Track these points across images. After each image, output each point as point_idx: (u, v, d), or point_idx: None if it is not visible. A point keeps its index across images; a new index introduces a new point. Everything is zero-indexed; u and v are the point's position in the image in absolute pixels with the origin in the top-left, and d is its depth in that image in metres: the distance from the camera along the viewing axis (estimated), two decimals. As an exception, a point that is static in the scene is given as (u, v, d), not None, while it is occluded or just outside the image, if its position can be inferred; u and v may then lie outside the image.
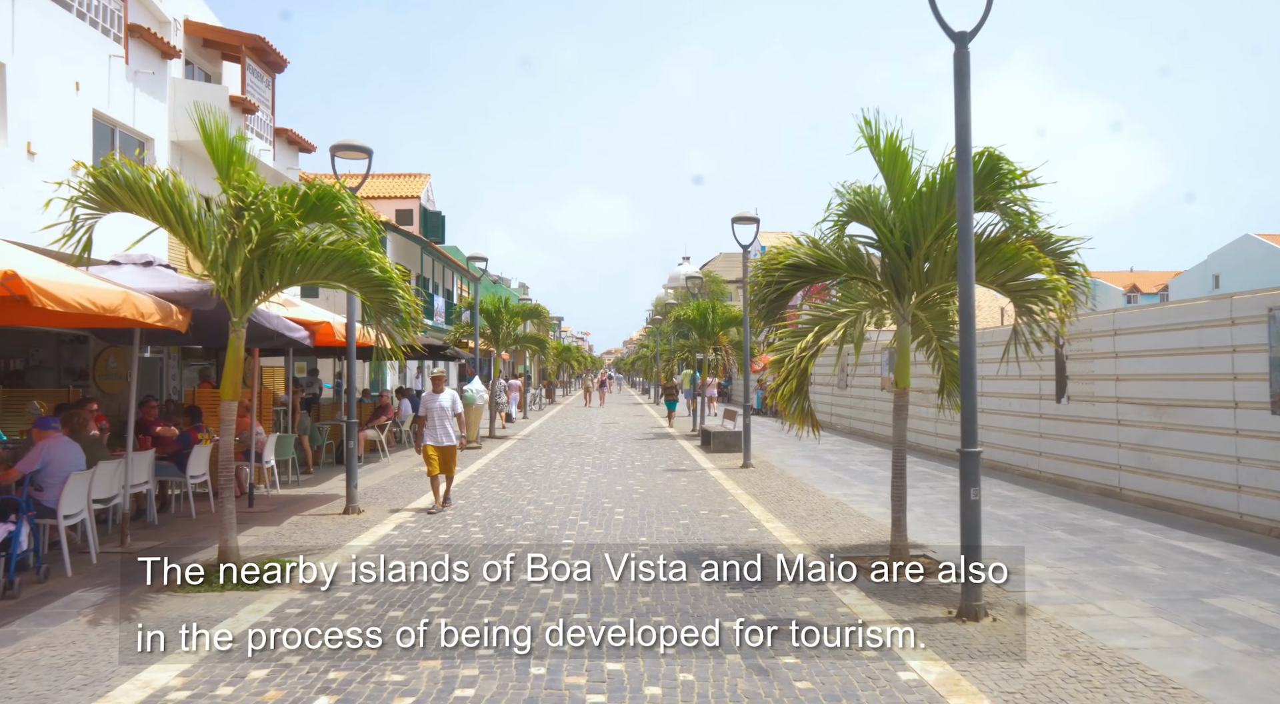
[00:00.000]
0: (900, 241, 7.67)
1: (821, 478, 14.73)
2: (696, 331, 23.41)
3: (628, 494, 12.71)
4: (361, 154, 11.49)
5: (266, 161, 22.14)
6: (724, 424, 21.24)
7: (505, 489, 13.32)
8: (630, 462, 17.22)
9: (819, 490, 13.15)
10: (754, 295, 8.50)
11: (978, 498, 6.13)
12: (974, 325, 6.29)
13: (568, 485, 13.67)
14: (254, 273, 7.40)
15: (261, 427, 12.88)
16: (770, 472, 15.57)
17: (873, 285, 8.07)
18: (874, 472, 15.58)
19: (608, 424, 29.13)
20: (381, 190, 39.44)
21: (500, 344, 24.03)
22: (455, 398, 11.34)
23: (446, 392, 11.23)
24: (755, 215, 16.29)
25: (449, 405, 11.15)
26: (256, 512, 11.23)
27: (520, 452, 19.59)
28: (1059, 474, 13.50)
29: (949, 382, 8.90)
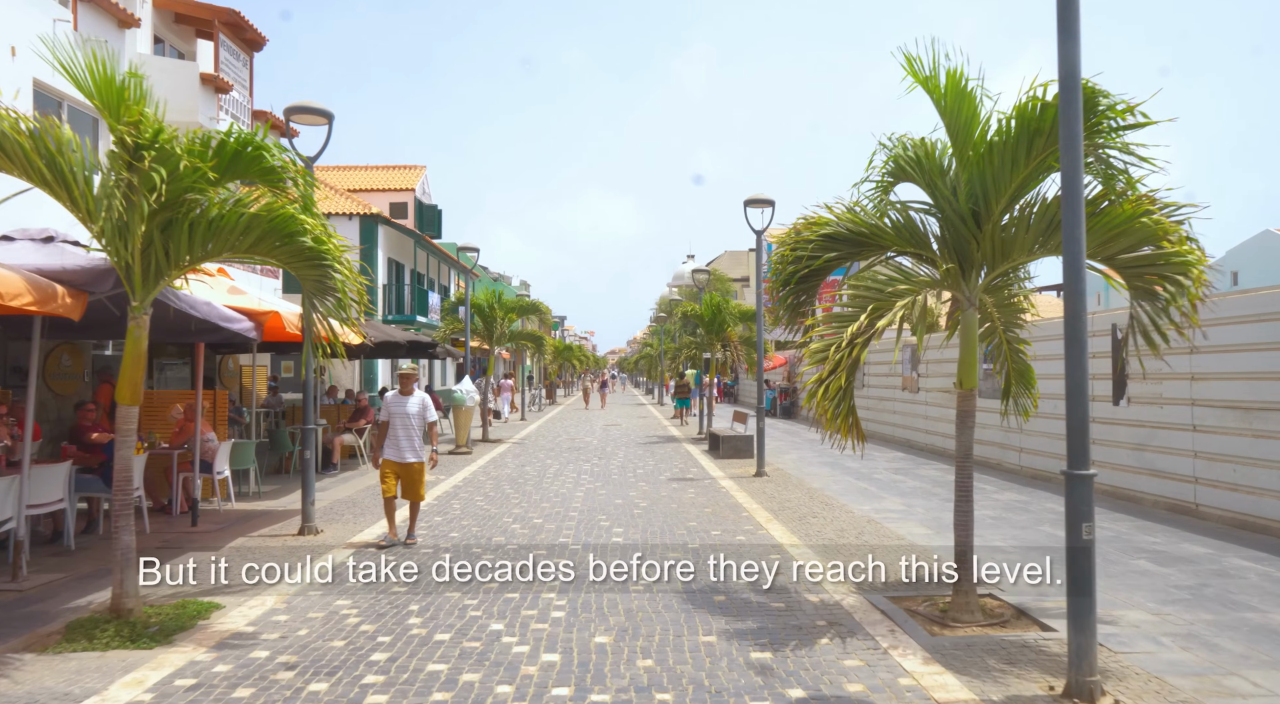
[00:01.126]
0: (965, 206, 6.11)
1: (845, 489, 13.17)
2: (705, 328, 21.86)
3: (628, 509, 11.17)
4: (321, 118, 9.99)
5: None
6: (733, 427, 19.69)
7: (490, 503, 11.79)
8: (632, 469, 15.68)
9: (845, 505, 11.59)
10: (777, 277, 6.93)
11: (1091, 537, 4.57)
12: (1084, 310, 4.73)
13: (561, 498, 12.13)
14: (157, 246, 5.87)
15: (214, 433, 11.36)
16: (787, 481, 14.01)
17: (928, 261, 6.52)
18: (902, 482, 14.02)
19: (609, 426, 27.58)
20: (375, 183, 37.96)
21: (495, 342, 22.51)
22: (428, 404, 9.17)
23: (417, 395, 9.11)
24: (769, 198, 14.74)
25: (418, 412, 8.99)
26: (198, 532, 9.71)
27: (513, 457, 18.06)
28: (1116, 486, 11.93)
29: (1015, 383, 7.32)
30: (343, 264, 5.99)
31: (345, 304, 6.18)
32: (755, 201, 14.72)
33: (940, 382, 18.38)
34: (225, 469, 11.38)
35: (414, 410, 9.03)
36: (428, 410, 9.17)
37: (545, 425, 28.45)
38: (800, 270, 6.58)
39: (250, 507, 11.67)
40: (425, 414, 9.11)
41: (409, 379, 9.29)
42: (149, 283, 5.96)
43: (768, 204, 14.74)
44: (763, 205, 14.78)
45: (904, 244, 6.41)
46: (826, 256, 6.49)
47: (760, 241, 15.04)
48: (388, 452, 9.01)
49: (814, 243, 6.47)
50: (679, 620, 6.19)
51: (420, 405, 9.09)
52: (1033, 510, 11.13)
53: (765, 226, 14.90)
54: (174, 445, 10.83)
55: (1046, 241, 5.84)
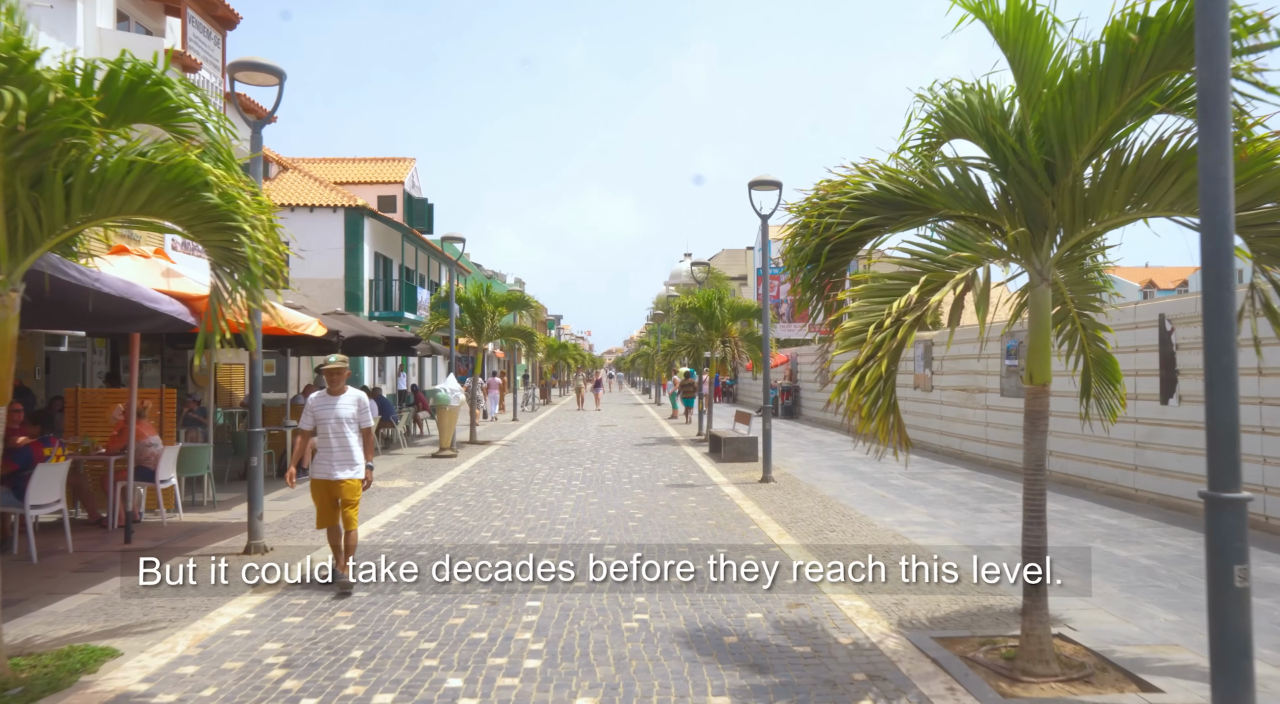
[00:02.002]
0: (1036, 157, 4.91)
1: (862, 497, 11.97)
2: (704, 324, 20.65)
3: (622, 521, 9.96)
4: (271, 77, 8.78)
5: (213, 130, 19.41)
6: (735, 429, 18.48)
7: (469, 514, 10.58)
8: (627, 473, 14.46)
9: (864, 516, 10.40)
10: (796, 253, 5.71)
11: (1246, 583, 3.35)
12: (1231, 275, 3.53)
13: (549, 508, 10.92)
14: (23, 205, 4.65)
15: (157, 436, 10.15)
16: (796, 488, 12.81)
17: (986, 227, 5.32)
18: (922, 488, 12.81)
19: (604, 427, 26.37)
20: (362, 175, 36.73)
21: (483, 338, 21.30)
22: (365, 406, 7.32)
23: (351, 394, 7.24)
24: (775, 180, 13.54)
25: (352, 415, 7.12)
26: (132, 550, 8.49)
27: (500, 461, 16.84)
28: (1165, 494, 10.74)
29: (1095, 377, 6.12)
30: (258, 226, 4.74)
31: (255, 277, 4.87)
32: (761, 184, 13.51)
33: (956, 380, 17.19)
34: (171, 477, 10.16)
35: (347, 414, 7.13)
36: (365, 411, 7.30)
37: (537, 426, 27.24)
38: (827, 242, 5.37)
39: (201, 518, 10.45)
40: (361, 418, 7.22)
41: (338, 375, 7.24)
42: (16, 253, 4.73)
43: (774, 186, 13.55)
44: (768, 188, 13.58)
45: (957, 206, 5.20)
46: (860, 223, 5.27)
47: (765, 227, 13.84)
48: (316, 468, 7.14)
49: (846, 206, 5.25)
50: (681, 673, 4.98)
51: (355, 407, 7.21)
52: (1076, 522, 9.94)
53: (771, 211, 13.71)
54: (110, 451, 9.61)
55: (1146, 195, 4.63)
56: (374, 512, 10.72)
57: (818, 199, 5.54)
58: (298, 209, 29.47)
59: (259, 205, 4.78)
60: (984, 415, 15.80)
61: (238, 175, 4.87)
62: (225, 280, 4.94)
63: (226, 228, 4.69)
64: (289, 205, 29.34)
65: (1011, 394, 14.71)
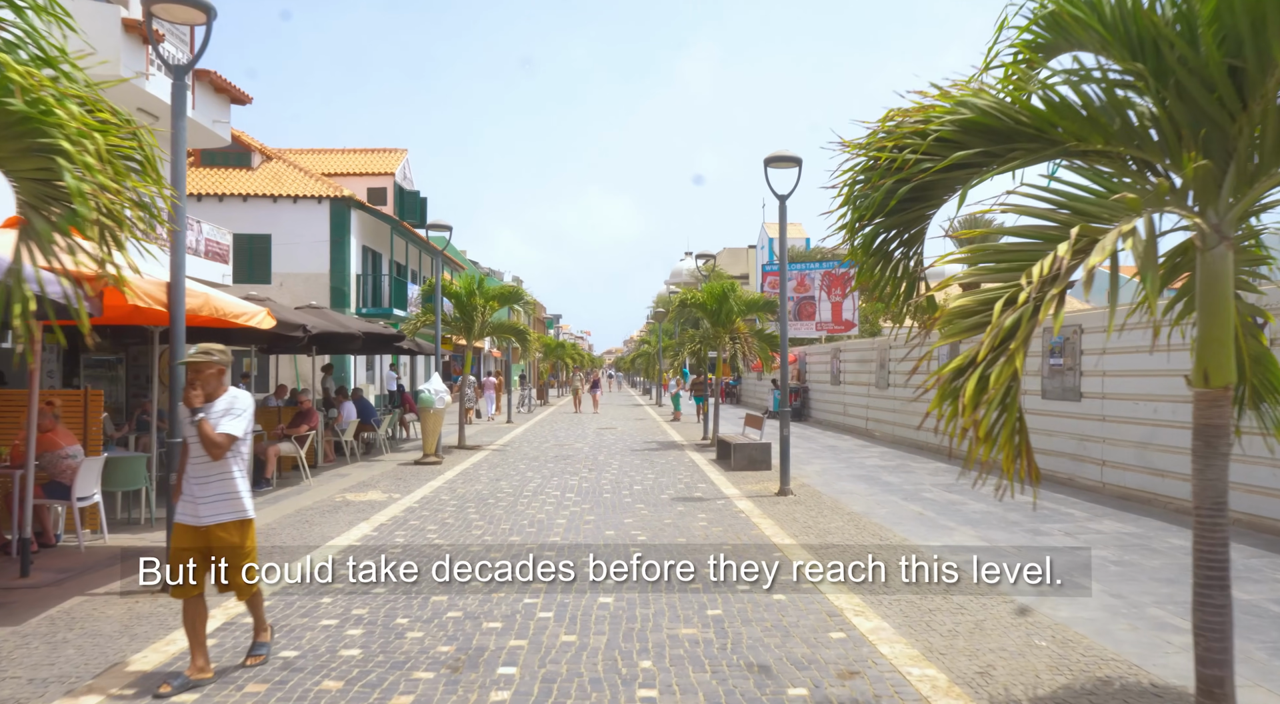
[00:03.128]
0: (1216, 59, 3.40)
1: (896, 515, 10.47)
2: (709, 320, 19.14)
3: (622, 546, 8.47)
4: (197, 13, 7.29)
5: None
6: (745, 433, 16.98)
7: (445, 534, 9.09)
8: (628, 485, 12.97)
9: (905, 540, 8.91)
10: (856, 204, 4.19)
11: None
12: None
13: (537, 528, 9.43)
14: None
15: (77, 446, 8.66)
16: (819, 503, 11.31)
17: (1131, 168, 3.81)
18: (963, 504, 11.31)
19: (602, 430, 24.87)
20: (351, 166, 35.24)
21: (473, 335, 19.79)
22: (240, 410, 4.85)
23: (227, 396, 4.86)
24: (795, 155, 12.05)
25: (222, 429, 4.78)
26: (20, 587, 6.99)
27: (489, 469, 15.34)
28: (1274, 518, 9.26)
29: (1257, 381, 4.58)
30: (86, 150, 3.17)
31: (82, 218, 3.24)
32: (779, 160, 12.01)
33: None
34: (94, 493, 8.66)
35: (212, 425, 4.73)
36: (236, 419, 4.81)
37: (532, 429, 25.74)
38: (905, 182, 3.86)
39: (132, 541, 8.98)
40: (233, 425, 4.78)
41: (202, 373, 4.78)
42: None
43: (792, 162, 12.04)
44: (787, 164, 12.08)
45: (1094, 135, 3.70)
46: (954, 157, 3.76)
47: (784, 209, 12.33)
48: (181, 509, 4.89)
49: (935, 134, 3.75)
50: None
51: (227, 415, 4.79)
52: (1160, 550, 8.44)
53: (790, 190, 12.20)
54: (15, 464, 8.10)
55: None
56: (335, 533, 9.23)
57: (888, 130, 4.03)
58: (281, 200, 28.00)
59: (90, 117, 3.23)
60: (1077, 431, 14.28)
61: (73, 85, 3.35)
62: (38, 228, 3.34)
63: (43, 149, 3.15)
64: (271, 196, 27.87)
65: (1055, 396, 13.21)
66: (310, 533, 9.20)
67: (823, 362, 28.04)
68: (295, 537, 9.03)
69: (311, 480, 13.50)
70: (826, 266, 36.32)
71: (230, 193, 27.61)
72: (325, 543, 8.80)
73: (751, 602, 6.46)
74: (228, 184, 28.16)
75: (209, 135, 19.61)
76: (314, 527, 9.59)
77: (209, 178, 28.55)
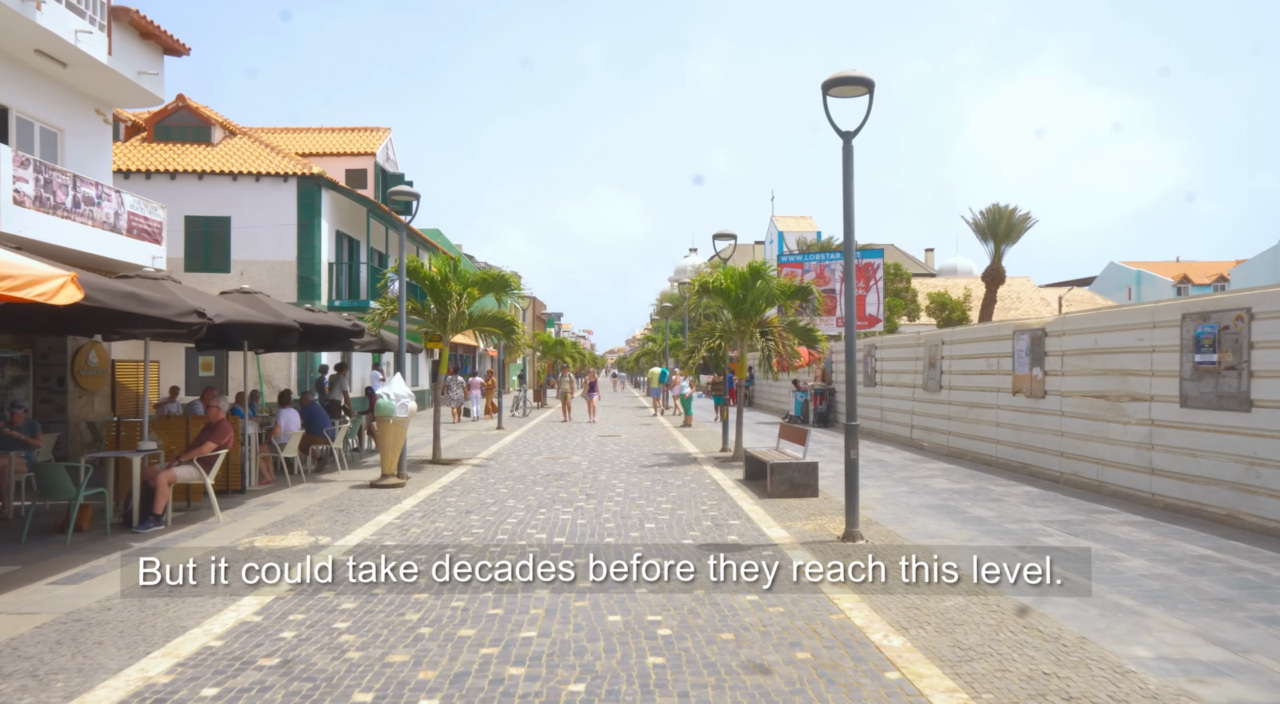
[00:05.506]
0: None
1: (1030, 580, 7.23)
2: (732, 310, 15.89)
3: (634, 660, 5.26)
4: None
5: (91, 53, 14.71)
6: (781, 448, 13.75)
7: (361, 629, 5.90)
8: (637, 519, 9.77)
9: (1108, 653, 5.66)
10: None
11: None
12: None
13: (503, 617, 6.24)
14: None
15: None
16: (906, 557, 8.07)
17: None
18: (1117, 561, 8.07)
19: (604, 438, 21.65)
20: (328, 146, 32.03)
21: (449, 327, 16.58)
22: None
23: None
24: (865, 77, 8.83)
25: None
26: None
27: (461, 494, 12.15)
28: None
29: None
30: None
31: None
32: (843, 82, 8.79)
33: (1087, 382, 12.46)
34: None
35: None
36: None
37: (524, 437, 22.51)
38: None
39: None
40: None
41: None
42: None
43: (861, 87, 8.83)
44: (853, 90, 8.87)
45: None
46: None
47: (849, 150, 9.10)
48: None
49: None
50: None
51: None
52: None
53: (858, 126, 8.99)
54: None
55: None
56: (192, 622, 6.04)
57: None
58: (241, 177, 24.82)
59: None
60: (1146, 434, 11.04)
61: None
62: None
63: None
64: (230, 173, 24.67)
65: (1205, 405, 9.98)
66: (144, 632, 5.97)
67: (860, 358, 24.80)
68: (112, 641, 5.83)
69: (222, 516, 10.30)
70: (848, 256, 32.98)
71: (183, 169, 24.41)
72: (177, 638, 5.62)
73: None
74: (182, 160, 24.96)
75: (133, 90, 16.41)
76: (158, 617, 6.36)
77: (161, 153, 25.35)
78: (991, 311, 41.53)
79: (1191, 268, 79.52)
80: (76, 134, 16.26)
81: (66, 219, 14.06)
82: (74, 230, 14.24)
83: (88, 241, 14.66)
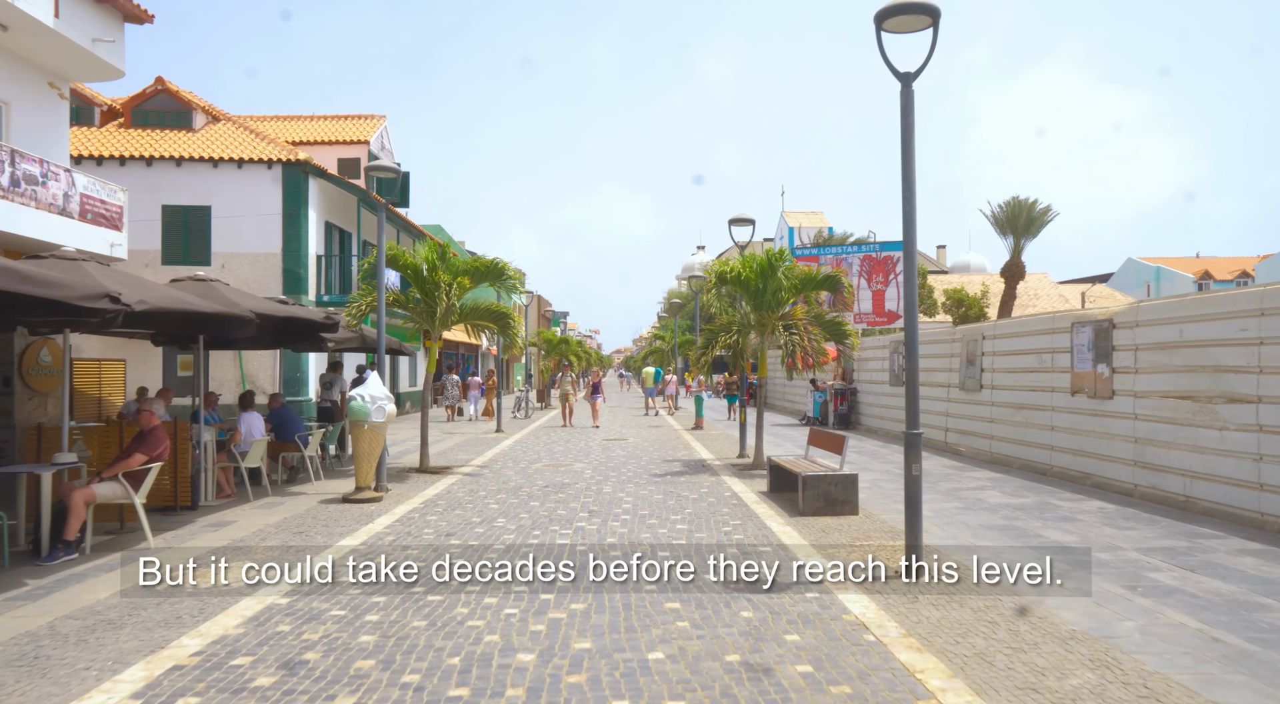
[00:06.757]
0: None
1: (1174, 647, 5.56)
2: (750, 302, 14.22)
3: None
4: None
5: (33, 14, 13.10)
6: (811, 456, 12.07)
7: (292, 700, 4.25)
8: (649, 547, 8.08)
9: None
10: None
11: None
12: None
13: (482, 690, 4.58)
14: None
15: None
16: (987, 601, 6.41)
17: None
18: (1244, 598, 6.38)
19: (610, 442, 19.99)
20: (321, 134, 30.45)
21: (438, 322, 14.97)
22: None
23: None
24: (929, 3, 7.13)
25: None
26: None
27: (445, 510, 10.51)
28: None
29: None
30: None
31: None
32: (900, 9, 7.12)
33: (1168, 381, 10.75)
34: None
35: None
36: None
37: (524, 440, 20.85)
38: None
39: None
40: None
41: None
42: None
43: (926, 17, 7.15)
44: (916, 22, 7.19)
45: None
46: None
47: (908, 94, 7.40)
48: None
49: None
50: None
51: None
52: None
53: (920, 67, 7.32)
54: None
55: None
56: (70, 696, 4.40)
57: None
58: (222, 164, 23.23)
59: None
60: (1253, 443, 9.32)
61: None
62: None
63: None
64: (211, 160, 23.09)
65: (1250, 398, 8.26)
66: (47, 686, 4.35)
67: (876, 358, 23.13)
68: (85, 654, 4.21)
69: (155, 541, 8.67)
70: (866, 250, 31.41)
71: (160, 155, 22.84)
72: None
73: None
74: (160, 146, 23.38)
75: (88, 60, 14.80)
76: (48, 674, 4.73)
77: (138, 139, 23.78)
78: (1011, 308, 39.79)
79: (1213, 263, 77.63)
80: (25, 109, 14.66)
81: (2, 199, 12.45)
82: (11, 211, 12.63)
83: (29, 225, 13.05)
